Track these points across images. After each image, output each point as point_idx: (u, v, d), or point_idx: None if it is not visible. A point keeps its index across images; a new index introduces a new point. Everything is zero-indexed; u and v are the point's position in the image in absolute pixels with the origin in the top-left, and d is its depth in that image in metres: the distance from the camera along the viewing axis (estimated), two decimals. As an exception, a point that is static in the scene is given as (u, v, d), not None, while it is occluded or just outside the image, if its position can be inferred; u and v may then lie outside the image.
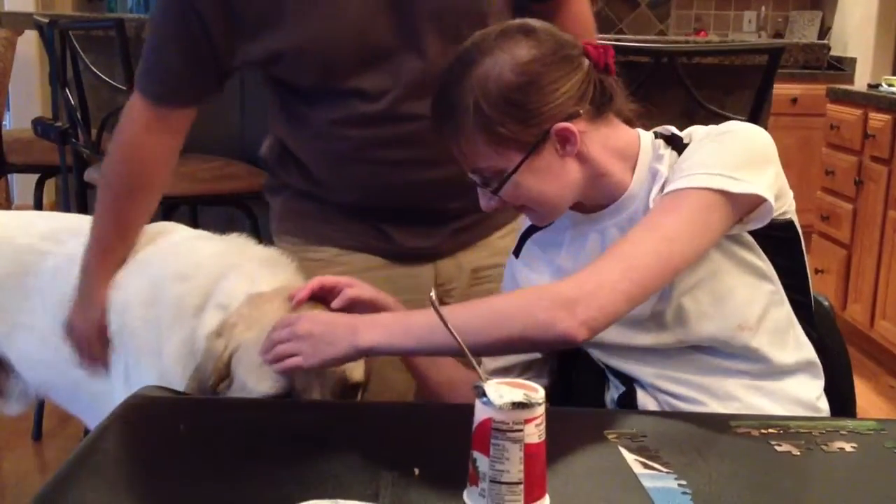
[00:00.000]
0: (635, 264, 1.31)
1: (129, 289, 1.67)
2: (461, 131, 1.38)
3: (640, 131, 1.49)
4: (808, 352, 1.48)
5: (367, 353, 1.37)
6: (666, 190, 1.38)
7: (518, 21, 1.42)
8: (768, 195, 1.35)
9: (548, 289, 1.36)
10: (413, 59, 1.64)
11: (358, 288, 1.51)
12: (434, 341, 1.28)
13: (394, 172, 1.71)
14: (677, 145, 1.46)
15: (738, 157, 1.37)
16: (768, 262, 1.44)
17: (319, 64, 1.63)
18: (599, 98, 1.41)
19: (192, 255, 1.66)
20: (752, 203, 1.37)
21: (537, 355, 1.60)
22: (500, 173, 1.39)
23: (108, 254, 1.73)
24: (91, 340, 1.73)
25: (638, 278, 1.30)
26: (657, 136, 1.49)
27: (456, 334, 1.14)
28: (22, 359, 1.86)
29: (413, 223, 1.80)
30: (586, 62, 1.40)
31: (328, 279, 1.51)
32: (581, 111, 1.38)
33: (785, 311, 1.47)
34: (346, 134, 1.69)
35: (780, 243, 1.45)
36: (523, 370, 1.60)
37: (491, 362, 1.60)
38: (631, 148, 1.47)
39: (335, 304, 1.49)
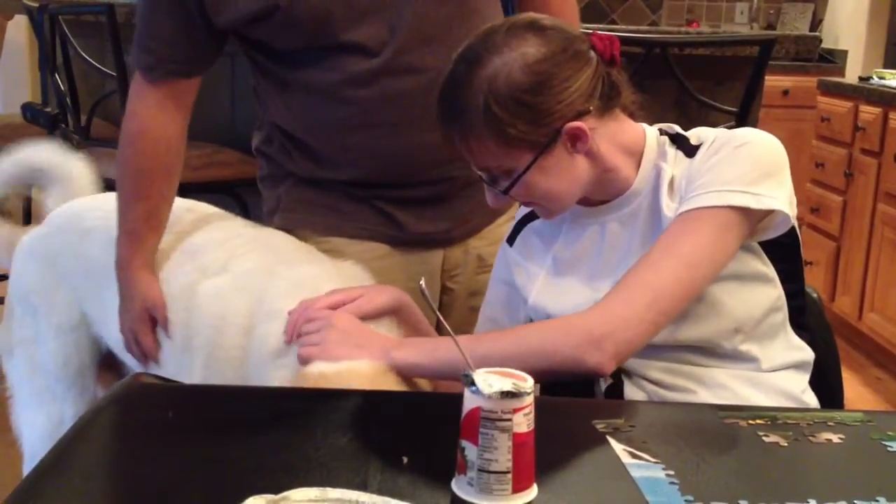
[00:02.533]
0: (660, 294, 1.32)
1: (228, 304, 1.60)
2: (470, 132, 1.35)
3: (645, 126, 1.49)
4: (797, 353, 1.49)
5: (397, 367, 1.37)
6: (686, 206, 1.37)
7: (526, 17, 1.40)
8: (788, 210, 1.36)
9: (575, 323, 1.34)
10: (406, 6, 1.63)
11: (371, 301, 1.50)
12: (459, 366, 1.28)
13: (400, 135, 1.70)
14: (682, 145, 1.45)
15: (756, 170, 1.37)
16: (772, 268, 1.44)
17: (313, 16, 1.61)
18: (608, 93, 1.40)
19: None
20: (767, 214, 1.38)
21: None
22: (510, 172, 1.38)
23: (139, 243, 1.71)
24: (138, 334, 1.70)
25: (663, 308, 1.32)
26: (661, 132, 1.49)
27: (458, 340, 1.15)
28: (119, 346, 1.83)
29: (419, 206, 1.80)
30: (594, 57, 1.38)
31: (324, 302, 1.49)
32: (591, 108, 1.37)
33: (782, 315, 1.47)
34: (351, 96, 1.67)
35: (782, 248, 1.45)
36: None
37: None
38: (636, 143, 1.46)
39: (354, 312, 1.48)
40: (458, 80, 1.37)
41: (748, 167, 1.37)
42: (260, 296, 1.57)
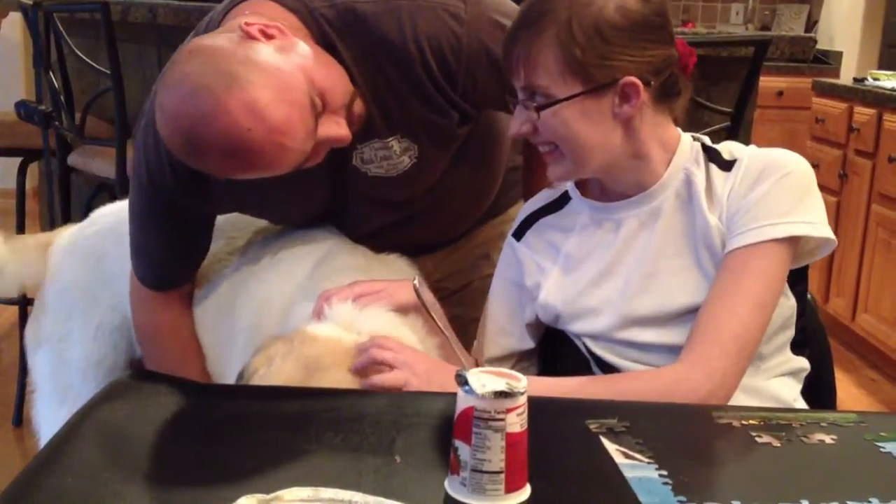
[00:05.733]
0: (745, 341, 1.37)
1: (272, 288, 1.65)
2: (540, 39, 1.36)
3: (681, 132, 1.51)
4: (793, 362, 1.50)
5: None
6: (747, 239, 1.39)
7: None
8: (832, 234, 1.42)
9: (680, 383, 1.36)
10: (376, 211, 1.70)
11: (392, 296, 1.50)
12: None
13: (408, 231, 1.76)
14: (715, 157, 1.47)
15: (805, 198, 1.42)
16: (785, 283, 1.45)
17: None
18: (670, 87, 1.43)
19: None
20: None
21: (532, 345, 1.60)
22: (551, 98, 1.37)
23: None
24: None
25: (749, 353, 1.38)
26: (694, 139, 1.51)
27: (439, 321, 1.15)
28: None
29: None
30: (675, 52, 1.41)
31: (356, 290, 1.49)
32: (652, 83, 1.39)
33: (790, 333, 1.49)
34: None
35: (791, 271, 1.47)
36: (519, 360, 1.60)
37: (488, 352, 1.60)
38: (672, 142, 1.48)
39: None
40: None
41: (798, 196, 1.41)
42: (303, 281, 1.59)
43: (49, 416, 1.87)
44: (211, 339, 1.74)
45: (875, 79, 4.34)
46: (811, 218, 1.41)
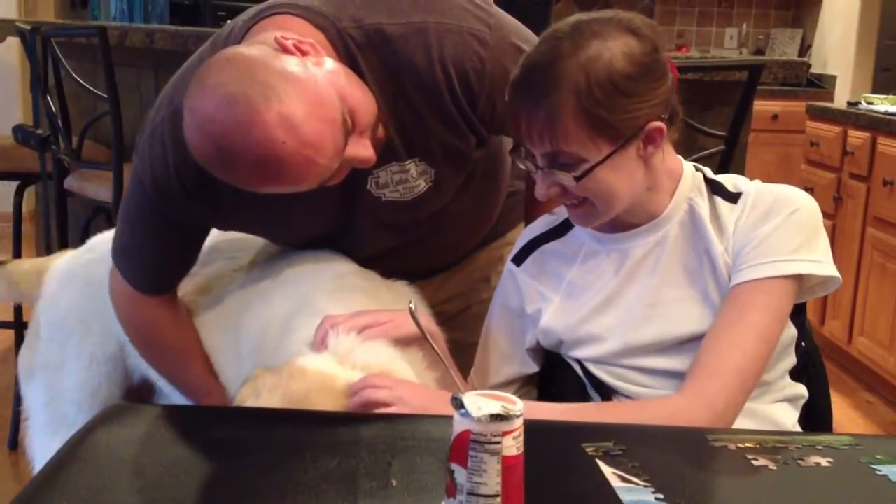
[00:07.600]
0: (747, 375, 1.38)
1: (273, 309, 1.63)
2: (559, 109, 1.33)
3: (681, 158, 1.51)
4: (791, 389, 1.51)
5: None
6: (754, 274, 1.40)
7: (627, 16, 1.40)
8: (838, 273, 1.42)
9: (681, 413, 1.36)
10: (381, 234, 1.69)
11: (398, 328, 1.46)
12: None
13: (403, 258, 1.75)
14: (719, 189, 1.48)
15: (813, 237, 1.43)
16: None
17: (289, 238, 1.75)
18: (673, 113, 1.43)
19: None
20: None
21: (536, 369, 1.60)
22: (581, 161, 1.37)
23: (209, 391, 1.73)
24: None
25: (750, 386, 1.39)
26: (696, 169, 1.52)
27: (437, 349, 1.14)
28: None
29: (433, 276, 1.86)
30: (671, 75, 1.42)
31: (358, 321, 1.46)
32: (664, 117, 1.40)
33: (791, 361, 1.49)
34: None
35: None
36: (523, 384, 1.60)
37: (491, 379, 1.59)
38: (677, 170, 1.49)
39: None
40: (555, 55, 1.35)
41: (806, 234, 1.42)
42: (303, 300, 1.58)
43: (43, 447, 1.85)
44: (218, 360, 1.73)
45: (869, 102, 4.36)
46: (817, 256, 1.41)
